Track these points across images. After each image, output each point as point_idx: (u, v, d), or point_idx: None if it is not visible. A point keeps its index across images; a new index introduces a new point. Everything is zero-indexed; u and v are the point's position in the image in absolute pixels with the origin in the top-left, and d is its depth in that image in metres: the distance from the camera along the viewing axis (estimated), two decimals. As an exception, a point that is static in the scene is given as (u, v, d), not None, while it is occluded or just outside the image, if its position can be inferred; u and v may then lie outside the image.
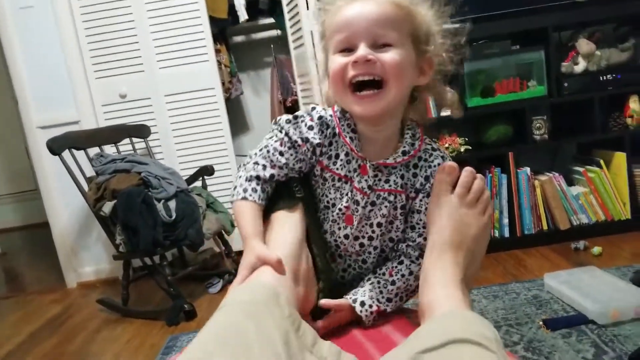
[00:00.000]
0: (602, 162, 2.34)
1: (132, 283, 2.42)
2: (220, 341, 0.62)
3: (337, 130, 0.88)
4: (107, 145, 2.53)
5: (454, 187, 0.84)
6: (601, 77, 2.31)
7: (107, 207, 2.16)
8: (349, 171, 0.88)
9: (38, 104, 2.73)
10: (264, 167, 0.88)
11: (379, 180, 0.88)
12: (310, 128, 0.88)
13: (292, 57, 2.74)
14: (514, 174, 2.32)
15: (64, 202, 2.80)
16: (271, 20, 3.19)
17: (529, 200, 2.33)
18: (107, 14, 2.64)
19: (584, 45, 2.31)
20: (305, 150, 0.88)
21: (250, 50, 3.39)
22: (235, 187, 0.89)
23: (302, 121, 0.89)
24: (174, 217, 2.13)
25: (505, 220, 2.35)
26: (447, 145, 2.35)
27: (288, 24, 2.68)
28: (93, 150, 2.41)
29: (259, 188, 0.87)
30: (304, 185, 0.92)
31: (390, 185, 0.88)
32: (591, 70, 2.33)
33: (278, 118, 0.92)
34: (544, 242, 2.34)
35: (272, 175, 0.88)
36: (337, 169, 0.89)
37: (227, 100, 2.98)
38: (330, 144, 0.89)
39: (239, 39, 3.30)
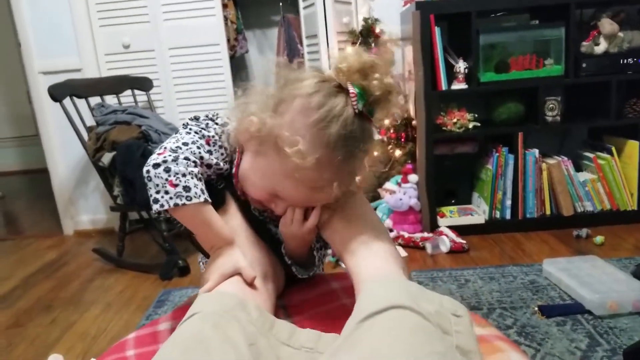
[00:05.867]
0: (613, 149, 2.29)
1: (127, 235, 2.43)
2: (184, 351, 0.63)
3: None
4: (109, 96, 2.49)
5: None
6: (621, 60, 2.23)
7: (106, 158, 2.15)
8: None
9: (41, 50, 2.69)
10: (195, 164, 0.77)
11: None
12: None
13: (301, 16, 2.65)
14: (522, 155, 2.27)
15: (63, 149, 2.79)
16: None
17: (534, 183, 2.29)
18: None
19: (606, 25, 2.22)
20: (231, 154, 0.84)
21: (258, 7, 3.30)
22: (178, 186, 0.75)
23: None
24: (172, 173, 2.11)
25: (508, 202, 2.32)
26: (455, 120, 2.29)
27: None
28: (94, 100, 2.37)
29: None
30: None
31: None
32: (612, 52, 2.25)
33: (188, 119, 0.84)
34: (545, 227, 2.31)
35: (200, 173, 0.80)
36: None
37: (232, 58, 2.91)
38: None
39: (247, -6, 3.20)
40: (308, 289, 0.92)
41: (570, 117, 2.39)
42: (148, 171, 0.76)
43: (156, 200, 0.75)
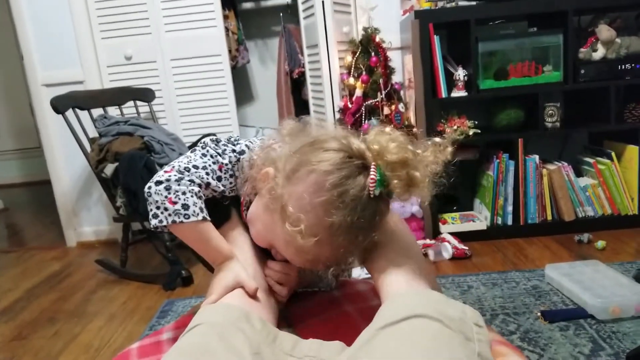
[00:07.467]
0: (613, 154, 2.29)
1: (130, 246, 2.43)
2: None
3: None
4: (111, 107, 2.50)
5: None
6: (619, 66, 2.24)
7: (109, 169, 2.16)
8: None
9: (43, 62, 2.71)
10: (200, 186, 0.79)
11: None
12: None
13: (302, 27, 2.67)
14: (522, 161, 2.28)
15: (66, 161, 2.81)
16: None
17: (535, 189, 2.29)
18: (116, -27, 2.58)
19: (604, 31, 2.24)
20: (241, 184, 0.84)
21: (259, 18, 3.33)
22: (177, 204, 0.76)
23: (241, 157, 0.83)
24: (174, 183, 2.12)
25: (510, 208, 2.32)
26: (455, 127, 2.30)
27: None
28: (97, 111, 2.39)
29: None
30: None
31: None
32: (610, 58, 2.26)
33: (209, 139, 0.84)
34: (547, 232, 2.31)
35: (204, 195, 0.81)
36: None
37: (233, 69, 2.93)
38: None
39: (247, 5, 3.22)
40: (310, 297, 0.92)
41: (570, 122, 2.40)
42: (150, 187, 0.77)
43: (155, 216, 0.77)
